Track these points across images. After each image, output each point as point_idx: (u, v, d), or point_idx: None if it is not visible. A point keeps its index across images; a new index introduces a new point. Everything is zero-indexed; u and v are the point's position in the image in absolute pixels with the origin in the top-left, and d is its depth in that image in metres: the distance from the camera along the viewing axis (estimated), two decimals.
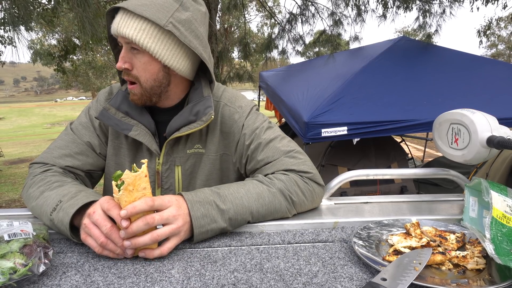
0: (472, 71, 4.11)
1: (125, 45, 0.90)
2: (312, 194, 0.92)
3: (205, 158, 1.02)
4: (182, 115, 0.97)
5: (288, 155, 0.96)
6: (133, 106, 0.99)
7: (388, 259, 0.65)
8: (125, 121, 0.97)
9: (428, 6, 5.89)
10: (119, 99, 1.00)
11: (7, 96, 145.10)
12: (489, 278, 0.60)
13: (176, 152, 1.00)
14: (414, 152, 8.38)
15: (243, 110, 1.03)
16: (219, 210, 0.78)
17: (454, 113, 0.91)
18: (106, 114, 0.97)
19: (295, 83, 4.84)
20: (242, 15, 9.70)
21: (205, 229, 0.76)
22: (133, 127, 0.97)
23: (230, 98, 1.05)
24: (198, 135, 1.01)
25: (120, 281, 0.62)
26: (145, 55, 0.90)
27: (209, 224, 0.76)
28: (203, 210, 0.76)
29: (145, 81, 0.92)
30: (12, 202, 6.17)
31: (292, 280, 0.62)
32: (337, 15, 6.24)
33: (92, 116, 1.05)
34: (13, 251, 0.61)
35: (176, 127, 0.96)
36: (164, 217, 0.71)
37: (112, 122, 0.97)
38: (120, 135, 1.03)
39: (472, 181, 0.88)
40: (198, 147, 1.02)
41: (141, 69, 0.91)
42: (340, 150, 4.22)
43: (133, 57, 0.91)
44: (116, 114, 0.98)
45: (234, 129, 1.02)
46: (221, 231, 0.79)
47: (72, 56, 8.78)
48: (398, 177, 1.11)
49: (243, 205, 0.81)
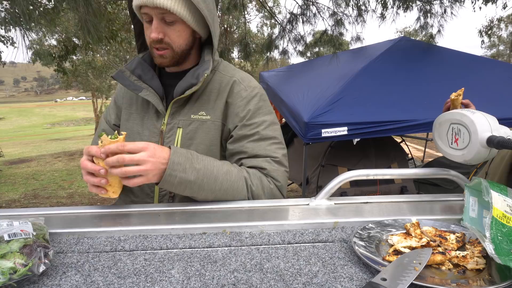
0: (472, 71, 4.11)
1: (157, 16, 0.99)
2: (271, 193, 1.04)
3: (209, 124, 1.08)
4: (186, 79, 1.07)
5: (270, 160, 1.06)
6: (146, 71, 1.12)
7: (388, 259, 0.65)
8: (137, 83, 1.10)
9: (429, 7, 5.88)
10: (134, 64, 1.13)
11: (7, 96, 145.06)
12: (489, 278, 0.60)
13: (182, 115, 1.09)
14: (414, 152, 8.38)
15: (251, 89, 1.12)
16: (191, 166, 0.93)
17: (454, 113, 0.91)
18: (121, 75, 1.11)
19: (295, 84, 4.84)
20: (242, 15, 9.70)
21: (175, 173, 0.90)
22: (143, 89, 1.09)
23: (243, 77, 1.15)
24: (206, 101, 1.10)
25: (120, 281, 0.62)
26: (179, 23, 1.02)
27: (180, 172, 0.91)
28: (182, 159, 0.92)
29: (178, 46, 1.05)
30: (12, 202, 6.17)
31: (292, 280, 0.62)
32: (338, 15, 6.23)
33: (113, 97, 1.25)
34: (13, 251, 0.61)
35: (180, 91, 1.07)
36: (134, 159, 0.85)
37: (126, 83, 1.10)
38: (132, 103, 1.17)
39: (472, 181, 0.88)
40: (203, 114, 1.09)
41: (175, 36, 1.03)
42: (340, 150, 4.23)
43: (165, 27, 1.01)
44: (130, 77, 1.11)
45: (238, 102, 1.09)
46: (186, 183, 0.92)
47: (72, 56, 8.78)
48: (398, 177, 1.11)
49: (212, 172, 0.96)
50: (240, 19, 14.35)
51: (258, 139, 1.06)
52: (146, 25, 1.04)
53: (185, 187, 0.93)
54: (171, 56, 1.05)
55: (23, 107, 54.01)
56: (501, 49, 31.62)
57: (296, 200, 0.99)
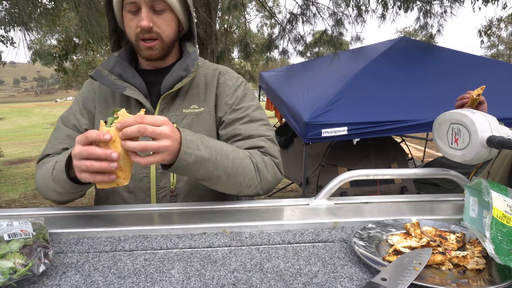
0: (472, 71, 4.11)
1: (146, 5, 0.98)
2: (274, 170, 1.03)
3: (204, 115, 1.09)
4: (173, 72, 1.06)
5: (265, 138, 1.07)
6: (125, 69, 1.07)
7: (388, 259, 0.65)
8: (117, 82, 1.05)
9: (429, 7, 5.88)
10: (111, 63, 1.07)
11: (7, 96, 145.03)
12: (489, 278, 0.60)
13: (172, 111, 1.07)
14: (414, 152, 8.38)
15: (236, 79, 1.16)
16: (203, 144, 0.87)
17: (454, 113, 0.91)
18: (100, 74, 1.05)
19: (295, 84, 4.84)
20: (242, 15, 9.70)
21: (190, 151, 0.82)
22: (126, 88, 1.04)
23: (225, 69, 1.18)
24: (195, 94, 1.10)
25: (120, 281, 0.62)
26: (168, 12, 1.01)
27: (194, 149, 0.83)
28: (193, 137, 0.85)
29: (167, 36, 1.03)
30: (12, 202, 6.17)
31: (292, 280, 0.62)
32: (338, 15, 6.24)
33: (78, 100, 1.14)
34: (13, 251, 0.61)
35: (168, 85, 1.05)
36: (156, 131, 0.75)
37: (106, 82, 1.04)
38: (109, 105, 1.10)
39: (472, 181, 0.88)
40: (195, 107, 1.09)
41: (164, 25, 1.02)
42: (340, 150, 4.23)
43: (154, 16, 1.00)
44: (109, 76, 1.05)
45: (225, 91, 1.11)
46: (201, 161, 0.85)
47: (72, 56, 8.78)
48: (398, 177, 1.11)
49: (222, 149, 0.91)
50: (240, 19, 14.36)
51: (249, 121, 1.08)
52: (131, 16, 1.00)
53: (200, 166, 0.86)
54: (161, 47, 1.03)
55: (23, 107, 54.02)
56: (501, 49, 31.61)
57: (296, 200, 0.99)
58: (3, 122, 31.88)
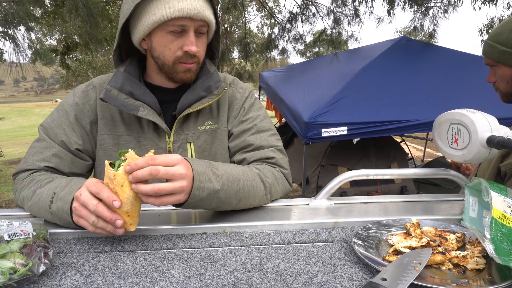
0: (472, 71, 4.10)
1: (193, 28, 0.94)
2: (283, 183, 1.03)
3: (220, 131, 1.08)
4: (194, 91, 1.02)
5: (275, 149, 1.06)
6: (136, 86, 0.99)
7: (388, 259, 0.65)
8: (129, 101, 0.96)
9: (429, 6, 5.89)
10: (119, 80, 0.98)
11: (7, 96, 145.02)
12: (489, 278, 0.60)
13: (187, 130, 1.04)
14: (414, 152, 8.38)
15: (244, 91, 1.14)
16: (213, 174, 0.81)
17: (454, 113, 0.91)
18: (110, 95, 0.95)
19: (295, 84, 4.84)
20: (242, 15, 9.69)
21: (202, 185, 0.76)
22: (140, 107, 0.97)
23: (233, 80, 1.16)
24: (208, 111, 1.07)
25: (120, 281, 0.62)
26: (204, 36, 0.99)
27: (206, 182, 0.78)
28: (203, 167, 0.79)
29: (202, 58, 1.02)
30: (12, 202, 6.17)
31: (292, 280, 0.62)
32: (337, 14, 6.24)
33: (67, 110, 1.01)
34: (13, 251, 0.61)
35: (187, 104, 1.01)
36: (170, 172, 0.70)
37: (118, 103, 0.95)
38: (117, 124, 1.01)
39: (472, 181, 0.88)
40: (209, 123, 1.07)
41: (202, 48, 0.99)
42: (340, 150, 4.23)
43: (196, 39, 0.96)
44: (119, 95, 0.96)
45: (234, 104, 1.11)
46: (214, 193, 0.80)
47: (73, 54, 8.79)
48: (398, 177, 1.11)
49: (232, 175, 0.86)
50: (240, 19, 14.35)
51: (258, 131, 1.07)
52: (172, 37, 0.93)
53: (213, 198, 0.80)
54: (196, 70, 1.00)
55: (23, 107, 53.98)
56: None
57: (296, 200, 0.99)
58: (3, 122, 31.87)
